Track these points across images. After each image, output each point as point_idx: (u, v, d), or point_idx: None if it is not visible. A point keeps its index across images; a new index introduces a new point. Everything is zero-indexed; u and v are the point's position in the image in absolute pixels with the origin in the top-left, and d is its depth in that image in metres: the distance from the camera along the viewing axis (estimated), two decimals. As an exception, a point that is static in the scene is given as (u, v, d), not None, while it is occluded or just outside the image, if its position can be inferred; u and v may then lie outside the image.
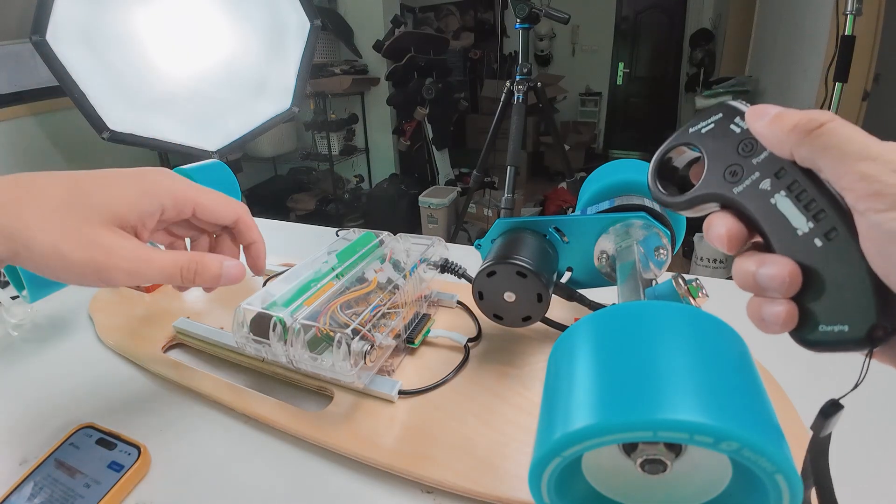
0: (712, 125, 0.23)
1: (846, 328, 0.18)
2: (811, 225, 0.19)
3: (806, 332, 0.19)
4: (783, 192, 0.20)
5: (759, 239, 0.21)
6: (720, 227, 0.21)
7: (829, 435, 0.21)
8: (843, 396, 0.19)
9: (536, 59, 4.41)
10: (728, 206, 0.22)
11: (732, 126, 0.22)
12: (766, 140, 0.20)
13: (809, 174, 0.19)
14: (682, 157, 0.25)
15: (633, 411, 0.16)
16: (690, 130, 0.23)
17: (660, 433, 0.16)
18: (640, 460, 0.19)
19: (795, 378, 0.36)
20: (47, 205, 0.26)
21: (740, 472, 0.19)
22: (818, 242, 0.19)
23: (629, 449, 0.20)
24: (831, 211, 0.18)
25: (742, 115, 0.22)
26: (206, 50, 1.62)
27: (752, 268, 0.20)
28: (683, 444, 0.19)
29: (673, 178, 0.25)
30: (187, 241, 0.37)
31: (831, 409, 0.20)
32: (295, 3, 1.70)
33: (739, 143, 0.21)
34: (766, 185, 0.20)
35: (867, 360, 0.18)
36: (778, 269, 0.19)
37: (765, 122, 0.20)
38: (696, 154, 0.24)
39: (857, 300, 0.18)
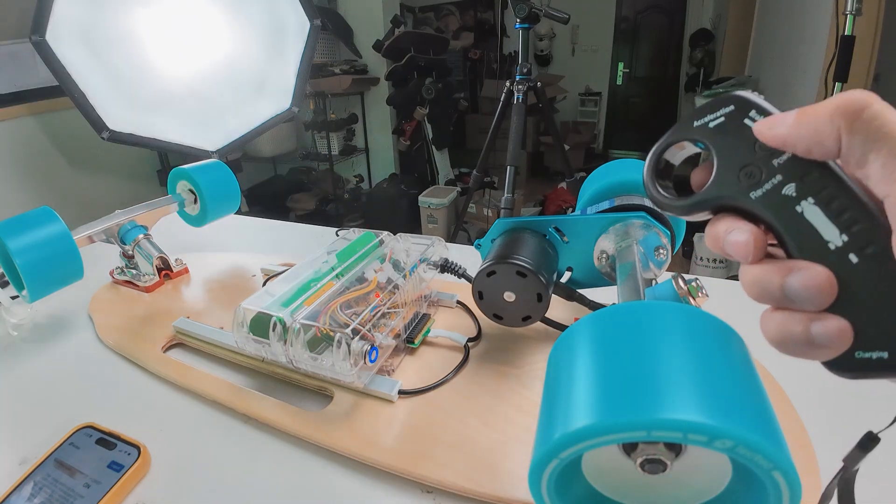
0: (722, 119, 0.20)
1: (885, 355, 0.16)
2: (844, 238, 0.17)
3: (839, 359, 0.17)
4: (811, 199, 0.17)
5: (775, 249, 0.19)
6: (742, 235, 0.18)
7: (857, 469, 0.19)
8: (882, 431, 0.18)
9: (536, 59, 4.41)
10: (738, 211, 0.19)
11: (747, 120, 0.19)
12: (801, 142, 0.17)
13: (838, 178, 0.17)
14: (680, 154, 0.22)
15: (627, 411, 0.16)
16: (695, 124, 0.20)
17: (654, 432, 0.16)
18: (639, 460, 0.19)
19: (795, 378, 0.36)
20: None
21: (740, 470, 0.19)
22: (853, 258, 0.16)
23: (629, 449, 0.20)
24: (867, 221, 0.16)
25: (759, 108, 0.19)
26: (205, 50, 1.62)
27: (776, 279, 0.17)
28: (682, 444, 0.19)
29: (671, 178, 0.23)
30: None
31: (869, 442, 0.18)
32: (295, 3, 1.71)
33: (757, 141, 0.19)
34: (790, 190, 0.18)
35: None
36: (810, 276, 0.17)
37: (790, 123, 0.17)
38: (698, 150, 0.21)
39: None
